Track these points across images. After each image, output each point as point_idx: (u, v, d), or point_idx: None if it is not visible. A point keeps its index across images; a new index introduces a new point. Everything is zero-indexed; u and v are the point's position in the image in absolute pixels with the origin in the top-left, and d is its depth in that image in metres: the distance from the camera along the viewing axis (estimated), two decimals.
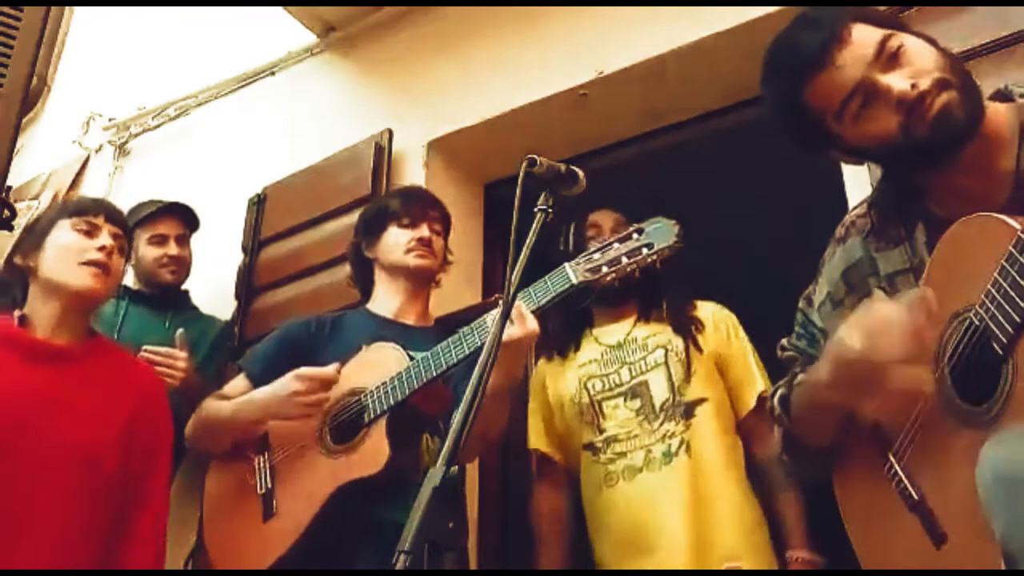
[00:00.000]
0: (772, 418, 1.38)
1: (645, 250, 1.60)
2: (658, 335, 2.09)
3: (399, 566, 0.93)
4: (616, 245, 1.64)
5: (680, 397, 2.00)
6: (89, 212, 1.86)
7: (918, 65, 1.14)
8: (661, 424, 1.98)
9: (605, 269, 1.63)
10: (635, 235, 1.63)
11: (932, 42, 1.18)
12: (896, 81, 1.13)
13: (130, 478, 1.79)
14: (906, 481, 1.13)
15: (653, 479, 1.93)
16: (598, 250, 1.65)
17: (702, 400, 2.00)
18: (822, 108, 1.19)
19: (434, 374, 1.76)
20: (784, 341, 1.45)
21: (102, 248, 1.80)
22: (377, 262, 2.16)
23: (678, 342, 2.06)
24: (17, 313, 1.81)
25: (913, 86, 1.12)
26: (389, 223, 2.12)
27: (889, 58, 1.15)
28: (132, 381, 1.89)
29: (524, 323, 1.65)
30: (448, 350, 1.76)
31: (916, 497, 1.11)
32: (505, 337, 1.61)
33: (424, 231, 2.11)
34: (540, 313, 1.68)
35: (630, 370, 2.07)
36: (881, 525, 1.19)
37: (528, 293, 1.69)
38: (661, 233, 1.61)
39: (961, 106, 1.12)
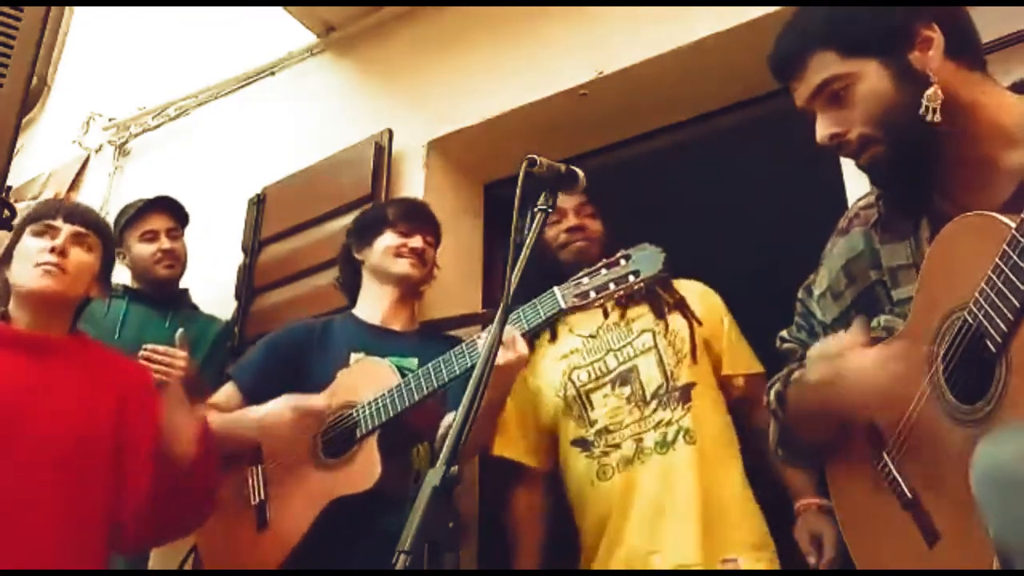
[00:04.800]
0: (768, 412, 1.39)
1: (632, 277, 1.64)
2: (642, 318, 2.05)
3: (399, 566, 0.93)
4: (604, 271, 1.66)
5: (674, 382, 1.95)
6: (47, 216, 1.87)
7: (857, 112, 1.18)
8: (654, 411, 1.93)
9: (593, 295, 1.66)
10: (622, 261, 1.66)
11: (904, 77, 1.16)
12: (821, 126, 1.20)
13: (121, 467, 1.78)
14: (899, 479, 1.13)
15: (648, 469, 1.89)
16: (586, 275, 1.68)
17: (694, 384, 1.96)
18: None
19: (425, 393, 1.78)
20: (784, 332, 1.45)
21: (53, 248, 1.80)
22: (365, 265, 2.17)
23: (670, 324, 2.02)
24: (0, 310, 1.83)
25: (834, 136, 1.19)
26: (384, 228, 2.14)
27: (829, 97, 1.19)
28: (116, 371, 1.88)
29: (516, 347, 1.69)
30: (439, 369, 1.77)
31: (909, 495, 1.11)
32: (497, 362, 1.64)
33: (418, 241, 2.14)
34: (530, 336, 1.73)
35: (616, 356, 2.02)
36: (875, 523, 1.19)
37: (519, 316, 1.72)
38: (648, 261, 1.64)
39: (886, 162, 1.18)
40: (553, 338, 2.13)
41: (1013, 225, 0.96)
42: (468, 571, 2.23)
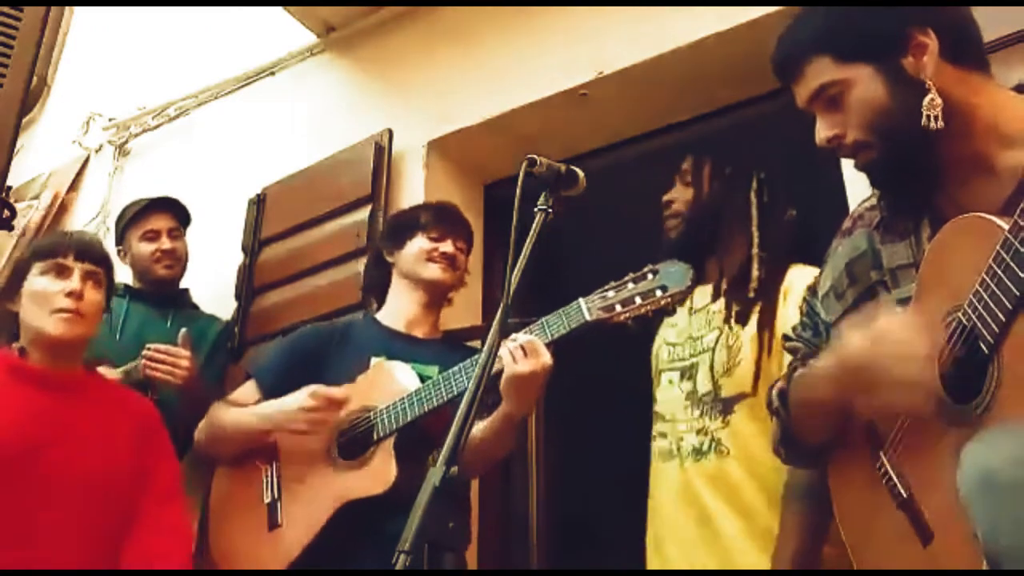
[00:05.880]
0: (770, 411, 1.39)
1: (659, 292, 1.63)
2: (722, 313, 1.85)
3: (399, 566, 0.93)
4: (631, 285, 1.66)
5: (718, 392, 1.78)
6: (58, 253, 1.83)
7: (852, 116, 1.20)
8: (700, 415, 1.80)
9: (619, 308, 1.65)
10: (650, 275, 1.65)
11: (896, 81, 1.16)
12: (820, 128, 1.23)
13: (137, 505, 1.81)
14: (895, 479, 1.13)
15: (680, 473, 1.78)
16: (613, 288, 1.67)
17: (743, 396, 1.75)
18: None
19: (444, 399, 1.77)
20: (789, 331, 1.46)
21: (71, 293, 1.79)
22: (396, 268, 2.16)
23: (736, 327, 1.80)
24: (16, 345, 1.84)
25: (833, 138, 1.21)
26: (416, 232, 2.13)
27: (827, 101, 1.21)
28: (130, 410, 1.91)
29: (538, 357, 1.65)
30: (460, 375, 1.77)
31: (904, 495, 1.11)
32: (520, 370, 1.64)
33: (449, 246, 2.12)
34: (553, 346, 1.69)
35: (692, 347, 1.88)
36: (872, 522, 1.19)
37: (543, 326, 1.71)
38: (675, 276, 1.63)
39: (880, 166, 1.20)
40: (683, 302, 1.94)
41: (1006, 227, 0.96)
42: (468, 571, 2.23)
